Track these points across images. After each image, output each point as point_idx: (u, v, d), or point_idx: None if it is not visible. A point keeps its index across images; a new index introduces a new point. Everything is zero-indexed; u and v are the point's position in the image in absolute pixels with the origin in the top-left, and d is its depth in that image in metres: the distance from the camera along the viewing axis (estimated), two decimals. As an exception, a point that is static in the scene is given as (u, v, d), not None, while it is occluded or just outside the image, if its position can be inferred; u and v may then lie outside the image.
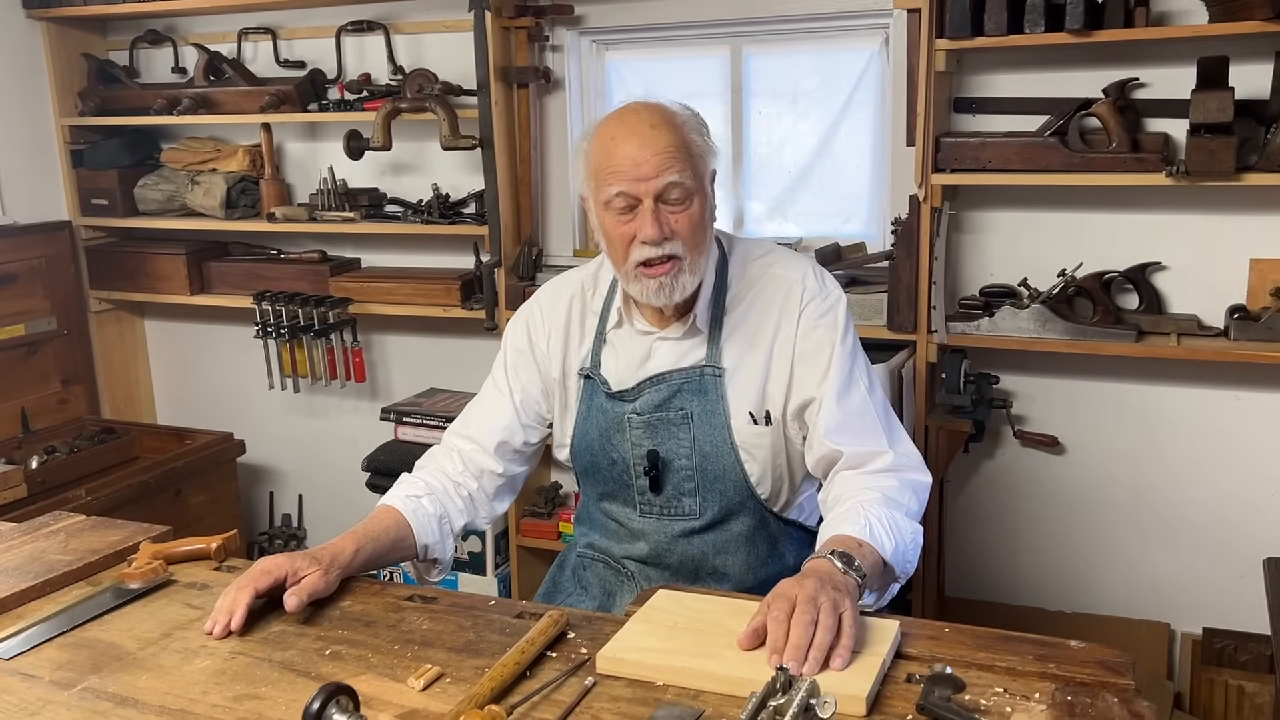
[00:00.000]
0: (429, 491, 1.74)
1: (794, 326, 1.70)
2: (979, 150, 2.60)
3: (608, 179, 1.61)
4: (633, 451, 1.76)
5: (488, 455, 1.82)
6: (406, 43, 3.31)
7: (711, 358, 1.72)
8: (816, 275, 1.75)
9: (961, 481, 2.97)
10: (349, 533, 1.62)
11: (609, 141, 1.62)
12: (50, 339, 3.60)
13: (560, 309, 1.84)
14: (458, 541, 1.80)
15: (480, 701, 1.18)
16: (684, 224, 1.62)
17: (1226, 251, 2.61)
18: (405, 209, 3.34)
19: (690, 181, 1.61)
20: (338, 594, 1.55)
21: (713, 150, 1.69)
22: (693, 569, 1.79)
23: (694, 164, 1.63)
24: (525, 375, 1.84)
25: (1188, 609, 2.82)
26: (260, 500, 3.89)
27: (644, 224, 1.60)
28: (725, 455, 1.72)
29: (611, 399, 1.77)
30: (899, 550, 1.48)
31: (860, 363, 1.71)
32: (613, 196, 1.61)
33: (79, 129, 3.61)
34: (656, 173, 1.58)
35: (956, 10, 2.49)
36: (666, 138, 1.60)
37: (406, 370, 3.59)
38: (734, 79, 3.09)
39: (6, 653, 1.40)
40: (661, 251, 1.61)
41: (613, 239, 1.65)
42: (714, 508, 1.75)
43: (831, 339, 1.68)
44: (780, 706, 1.10)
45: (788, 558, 1.80)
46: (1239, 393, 2.68)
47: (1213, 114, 2.32)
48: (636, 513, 1.80)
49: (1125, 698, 1.18)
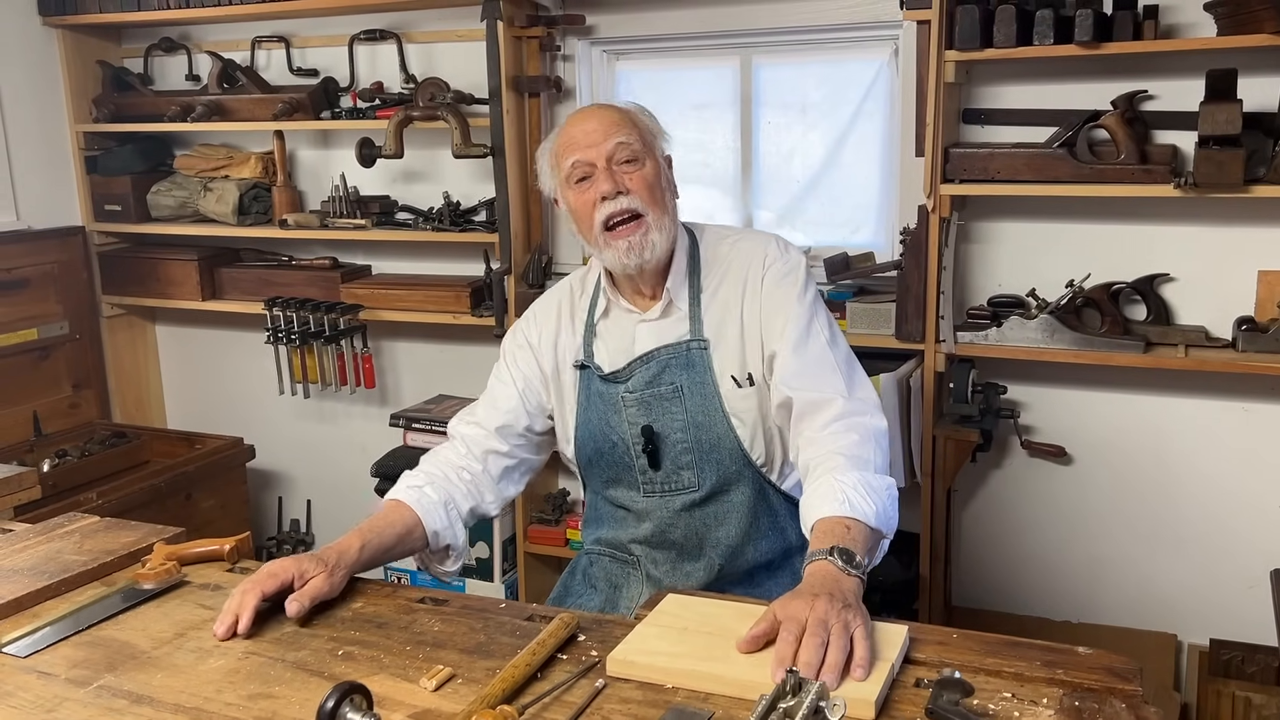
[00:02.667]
0: (430, 480, 1.77)
1: (759, 289, 1.79)
2: (988, 161, 2.61)
3: (564, 154, 1.77)
4: (629, 430, 1.81)
5: (491, 436, 1.85)
6: (419, 52, 3.33)
7: (694, 332, 1.80)
8: (779, 245, 1.84)
9: (969, 491, 2.98)
10: (354, 530, 1.63)
11: (565, 130, 1.79)
12: (62, 343, 3.62)
13: (551, 311, 1.93)
14: (468, 526, 1.82)
15: (492, 702, 1.19)
16: (638, 181, 1.74)
17: (1234, 263, 2.61)
18: (416, 216, 3.36)
19: (639, 145, 1.75)
20: (350, 596, 1.57)
21: (663, 135, 1.84)
22: (696, 542, 1.82)
23: (641, 135, 1.77)
24: (525, 365, 1.90)
25: (1195, 620, 2.82)
26: (269, 505, 3.90)
27: (600, 181, 1.73)
28: (718, 424, 1.78)
29: (605, 381, 1.83)
30: (880, 512, 1.51)
31: (821, 316, 1.78)
32: (570, 167, 1.75)
33: (93, 135, 3.64)
34: (605, 137, 1.74)
35: (966, 22, 2.50)
36: (612, 113, 1.79)
37: (416, 376, 3.61)
38: (743, 89, 3.11)
39: (23, 651, 1.42)
40: (620, 206, 1.73)
41: (579, 212, 1.77)
42: (712, 478, 1.80)
43: (791, 295, 1.76)
44: (790, 709, 1.10)
45: (789, 533, 1.84)
46: (1246, 404, 2.68)
47: (1221, 126, 2.33)
48: (640, 493, 1.84)
49: (1133, 704, 1.19)
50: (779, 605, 1.32)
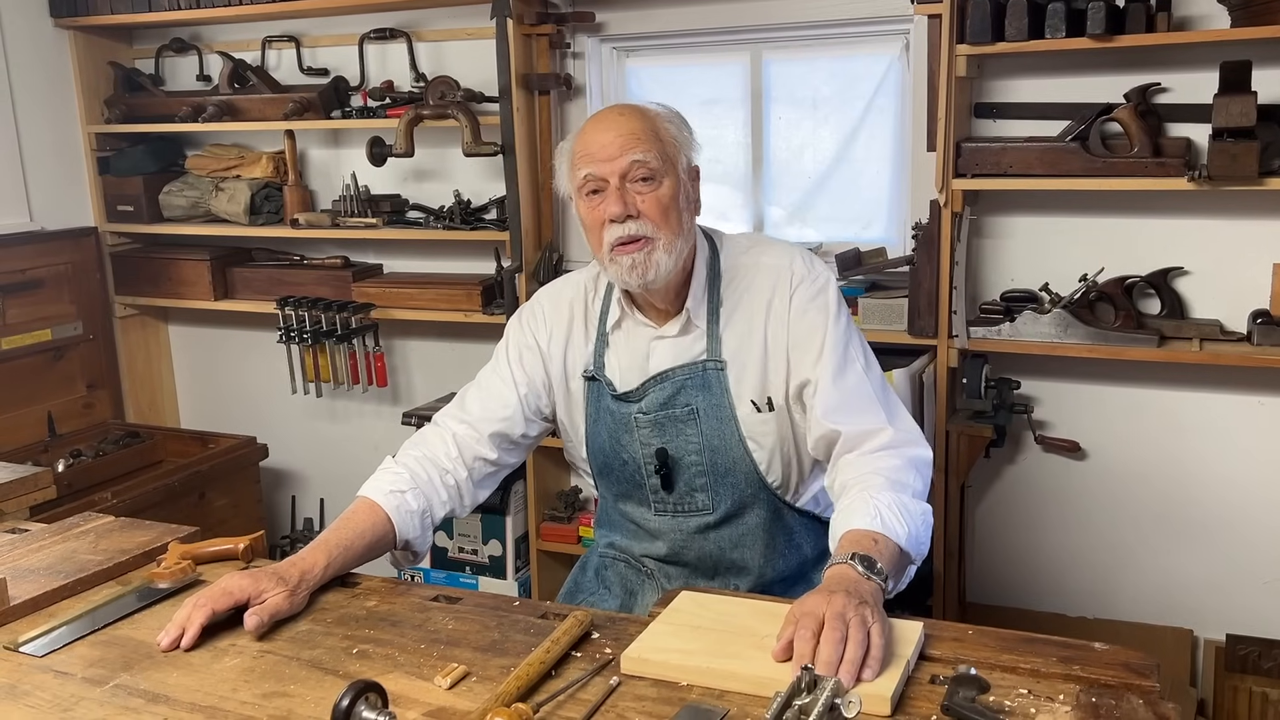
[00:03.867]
0: (413, 485, 1.71)
1: (786, 311, 1.72)
2: (1000, 155, 2.60)
3: (578, 164, 1.68)
4: (642, 451, 1.77)
5: (483, 441, 1.79)
6: (429, 50, 3.33)
7: (711, 352, 1.74)
8: (804, 260, 1.76)
9: (983, 487, 2.97)
10: (320, 543, 1.59)
11: (583, 134, 1.71)
12: (76, 344, 3.64)
13: (562, 311, 1.86)
14: (437, 530, 1.79)
15: (507, 700, 1.19)
16: (651, 204, 1.65)
17: (1249, 256, 2.60)
18: (427, 215, 3.36)
19: (656, 162, 1.65)
20: (363, 594, 1.57)
21: (690, 143, 1.73)
22: (711, 565, 1.80)
23: (662, 148, 1.67)
24: (531, 369, 1.84)
25: (1211, 615, 2.80)
26: (283, 504, 3.92)
27: (609, 202, 1.65)
28: (734, 447, 1.73)
29: (617, 400, 1.78)
30: (912, 535, 1.48)
31: (855, 342, 1.72)
32: (583, 180, 1.67)
33: (105, 136, 3.65)
34: (620, 152, 1.64)
35: (977, 15, 2.49)
36: (634, 123, 1.67)
37: (428, 375, 3.62)
38: (754, 85, 3.10)
39: (39, 650, 1.42)
40: (627, 231, 1.65)
41: (588, 224, 1.70)
42: (727, 501, 1.76)
43: (824, 320, 1.70)
44: (805, 706, 1.10)
45: (805, 549, 1.81)
46: (1262, 398, 2.67)
47: (1235, 118, 2.32)
48: (651, 512, 1.81)
49: (1150, 700, 1.18)
50: (797, 604, 1.31)
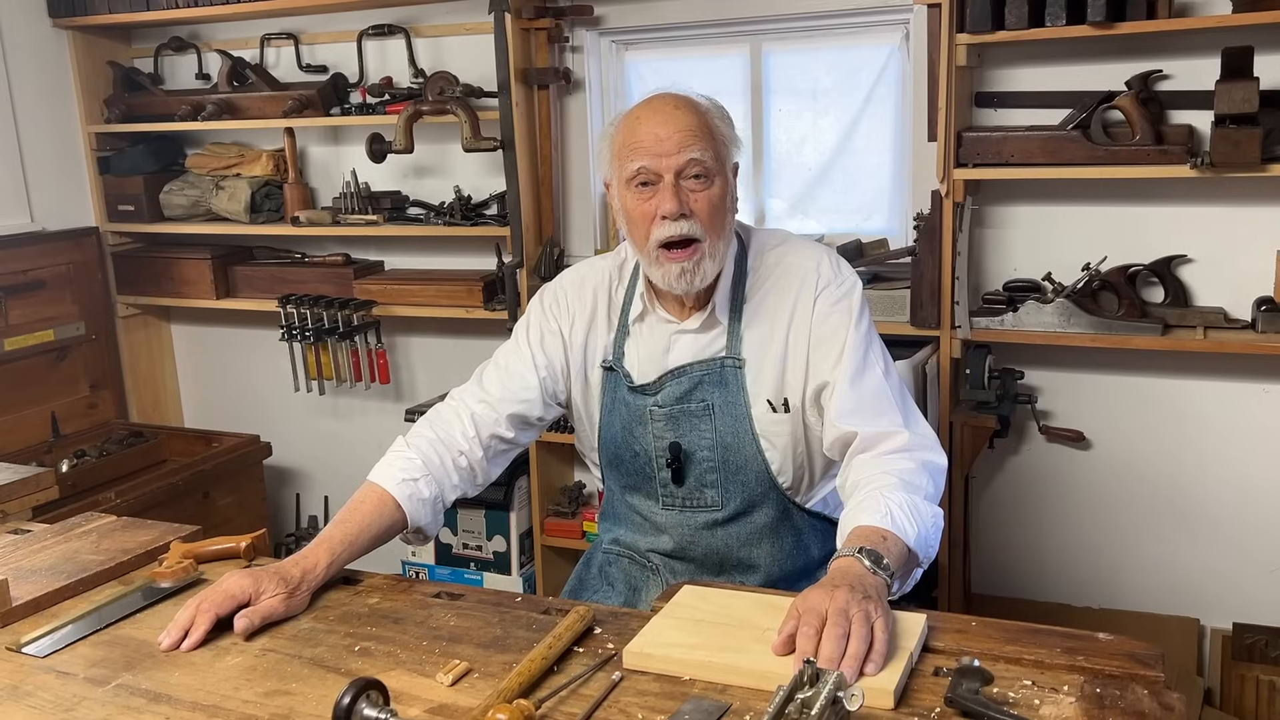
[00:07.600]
0: (426, 472, 1.69)
1: (809, 313, 1.71)
2: (1001, 144, 2.59)
3: (630, 155, 1.63)
4: (655, 444, 1.77)
5: (501, 421, 1.78)
6: (427, 46, 3.33)
7: (731, 349, 1.73)
8: (831, 262, 1.75)
9: (987, 477, 2.96)
10: (323, 540, 1.58)
11: (634, 122, 1.65)
12: (79, 344, 3.64)
13: (586, 298, 1.84)
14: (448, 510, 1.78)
15: (509, 696, 1.19)
16: (703, 204, 1.63)
17: (1253, 243, 2.58)
18: (427, 211, 3.35)
19: (711, 162, 1.63)
20: (365, 591, 1.57)
21: (736, 141, 1.70)
22: (718, 562, 1.80)
23: (716, 147, 1.64)
24: (553, 353, 1.82)
25: (1217, 604, 2.79)
26: (287, 502, 3.92)
27: (664, 198, 1.61)
28: (747, 445, 1.73)
29: (634, 392, 1.78)
30: (921, 536, 1.47)
31: (875, 347, 1.71)
32: (634, 172, 1.63)
33: (105, 136, 3.65)
34: (678, 149, 1.60)
35: (977, 4, 2.48)
36: (690, 118, 1.63)
37: (430, 371, 3.61)
38: (754, 77, 3.09)
39: (42, 650, 1.42)
40: (680, 230, 1.61)
41: (634, 217, 1.66)
42: (736, 499, 1.76)
43: (846, 324, 1.69)
44: (808, 699, 1.10)
45: (813, 550, 1.81)
46: (1267, 385, 2.66)
47: (1238, 105, 2.31)
48: (659, 505, 1.81)
49: (1155, 690, 1.18)
50: (800, 599, 1.31)
